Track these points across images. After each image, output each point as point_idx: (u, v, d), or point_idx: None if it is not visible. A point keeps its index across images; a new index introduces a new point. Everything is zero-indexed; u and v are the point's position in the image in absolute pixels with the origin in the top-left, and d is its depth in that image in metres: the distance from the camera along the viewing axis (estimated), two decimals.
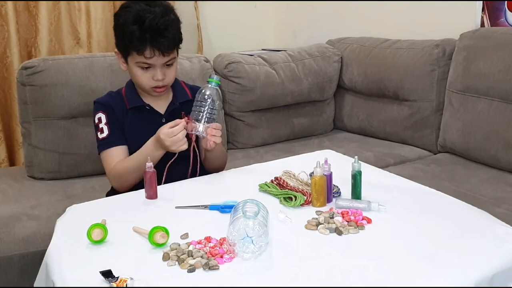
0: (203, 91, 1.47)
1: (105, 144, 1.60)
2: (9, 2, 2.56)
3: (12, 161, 2.73)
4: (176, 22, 1.58)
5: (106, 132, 1.60)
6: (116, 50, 1.63)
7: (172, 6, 1.61)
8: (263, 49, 3.23)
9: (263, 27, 3.47)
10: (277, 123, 2.60)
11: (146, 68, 1.56)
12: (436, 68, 2.31)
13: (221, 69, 2.46)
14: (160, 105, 1.66)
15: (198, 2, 3.13)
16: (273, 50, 3.02)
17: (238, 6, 3.31)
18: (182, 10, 3.06)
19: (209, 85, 1.48)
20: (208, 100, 1.46)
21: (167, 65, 1.58)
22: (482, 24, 2.31)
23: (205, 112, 1.46)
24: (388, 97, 2.50)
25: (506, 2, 2.22)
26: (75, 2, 2.74)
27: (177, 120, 1.47)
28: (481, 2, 2.30)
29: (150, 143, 1.53)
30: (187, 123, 1.46)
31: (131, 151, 1.61)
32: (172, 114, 1.63)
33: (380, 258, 1.07)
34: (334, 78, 2.68)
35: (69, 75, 2.08)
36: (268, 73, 2.51)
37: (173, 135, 1.45)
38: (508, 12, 2.23)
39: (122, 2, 1.62)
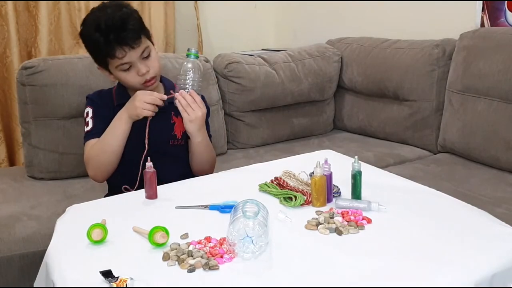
0: (184, 63, 1.53)
1: (87, 136, 1.64)
2: (9, 2, 2.56)
3: (12, 161, 2.73)
4: (131, 13, 1.58)
5: (90, 125, 1.64)
6: (97, 66, 1.65)
7: (124, 3, 1.62)
8: (263, 49, 3.23)
9: (263, 27, 3.47)
10: (277, 123, 2.60)
11: (127, 68, 1.57)
12: (436, 68, 2.31)
13: (221, 69, 2.46)
14: None
15: (198, 2, 3.13)
16: (273, 50, 3.02)
17: (238, 6, 3.31)
18: (182, 10, 3.08)
19: (189, 58, 1.52)
20: (190, 72, 1.51)
21: (144, 57, 1.58)
22: (482, 24, 2.31)
23: (189, 82, 1.51)
24: (388, 97, 2.50)
25: (506, 2, 2.22)
26: (75, 2, 2.74)
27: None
28: (481, 2, 2.30)
29: (115, 117, 1.58)
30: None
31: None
32: (159, 110, 1.64)
33: (380, 258, 1.07)
34: (334, 78, 2.68)
35: (69, 75, 2.08)
36: (268, 73, 2.51)
37: (147, 94, 1.51)
38: (508, 12, 2.23)
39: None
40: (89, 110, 1.66)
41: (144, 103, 1.51)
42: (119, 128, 1.56)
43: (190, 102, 1.52)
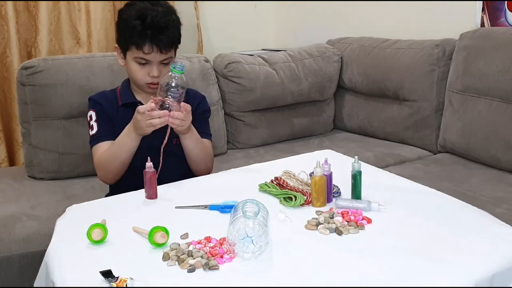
0: (176, 78, 1.48)
1: (94, 140, 1.66)
2: (9, 2, 2.56)
3: (12, 161, 2.73)
4: (177, 23, 1.65)
5: (95, 129, 1.65)
6: (116, 45, 1.68)
7: (174, 8, 1.68)
8: (263, 49, 3.23)
9: (263, 27, 3.47)
10: (277, 123, 2.60)
11: (143, 64, 1.61)
12: (436, 68, 2.31)
13: (221, 69, 2.46)
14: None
15: (198, 2, 3.13)
16: (273, 50, 3.02)
17: (238, 6, 3.31)
18: (182, 10, 3.05)
19: (176, 75, 1.48)
20: (180, 88, 1.49)
21: (163, 63, 1.62)
22: (482, 24, 2.31)
23: (172, 100, 1.48)
24: (388, 97, 2.50)
25: (506, 2, 2.23)
26: (75, 2, 2.74)
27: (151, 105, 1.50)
28: (481, 2, 2.30)
29: (124, 130, 1.58)
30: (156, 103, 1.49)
31: None
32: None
33: (380, 258, 1.07)
34: (334, 78, 2.68)
35: (69, 75, 2.08)
36: (268, 73, 2.51)
37: (150, 117, 1.48)
38: (508, 12, 2.23)
39: (122, 2, 1.65)
40: (92, 113, 1.67)
41: (152, 125, 1.49)
42: (129, 144, 1.57)
43: (182, 117, 1.51)
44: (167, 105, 1.48)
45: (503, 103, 2.04)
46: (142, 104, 1.67)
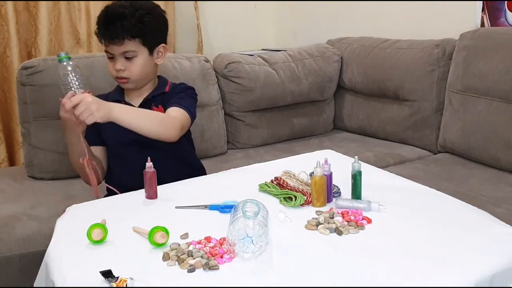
0: (61, 69, 1.43)
1: None
2: (9, 2, 2.56)
3: (12, 161, 2.73)
4: (135, 16, 1.58)
5: None
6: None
7: (150, 6, 1.64)
8: (263, 49, 3.23)
9: (263, 27, 3.47)
10: (277, 123, 2.60)
11: (111, 58, 1.63)
12: (436, 68, 2.31)
13: (221, 69, 2.46)
14: (139, 101, 1.70)
15: (198, 2, 3.13)
16: (273, 50, 3.02)
17: (238, 6, 3.31)
18: (182, 10, 3.08)
19: (64, 62, 1.43)
20: (71, 74, 1.43)
21: (126, 57, 1.61)
22: (482, 24, 2.31)
23: (75, 83, 1.44)
24: (388, 97, 2.50)
25: (506, 2, 2.23)
26: (75, 2, 2.74)
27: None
28: (481, 2, 2.30)
29: (65, 138, 1.60)
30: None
31: (108, 144, 1.70)
32: (144, 106, 1.67)
33: (380, 258, 1.07)
34: (334, 78, 2.68)
35: None
36: (268, 73, 2.51)
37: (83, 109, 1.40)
38: (508, 12, 2.23)
39: None
40: None
41: (63, 116, 1.47)
42: (75, 147, 1.56)
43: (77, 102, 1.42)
44: None
45: (503, 103, 2.04)
46: (125, 101, 1.68)
